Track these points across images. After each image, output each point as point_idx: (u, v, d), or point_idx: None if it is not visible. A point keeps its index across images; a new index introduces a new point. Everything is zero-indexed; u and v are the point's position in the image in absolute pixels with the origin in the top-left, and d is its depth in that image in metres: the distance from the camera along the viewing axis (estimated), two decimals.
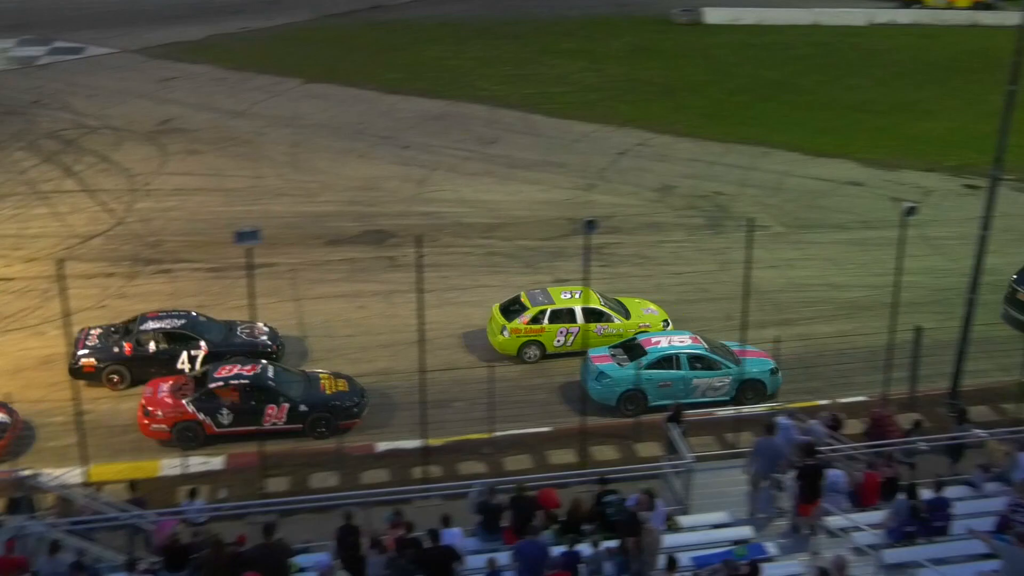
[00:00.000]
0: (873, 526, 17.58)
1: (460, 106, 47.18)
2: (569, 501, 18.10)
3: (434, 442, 23.55)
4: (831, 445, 20.13)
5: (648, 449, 23.41)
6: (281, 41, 57.39)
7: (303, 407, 24.14)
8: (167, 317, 26.46)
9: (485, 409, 23.95)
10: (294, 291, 30.29)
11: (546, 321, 27.30)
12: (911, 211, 24.90)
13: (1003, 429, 21.69)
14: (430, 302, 24.94)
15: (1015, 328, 29.17)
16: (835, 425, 21.13)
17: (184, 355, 25.88)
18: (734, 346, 26.14)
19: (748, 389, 25.71)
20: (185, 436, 23.69)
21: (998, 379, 26.63)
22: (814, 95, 49.29)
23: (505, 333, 27.27)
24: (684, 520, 18.67)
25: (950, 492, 18.47)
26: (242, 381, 24.00)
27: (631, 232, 34.91)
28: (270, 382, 24.19)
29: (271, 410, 23.89)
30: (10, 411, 23.93)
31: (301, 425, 24.20)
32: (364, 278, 31.63)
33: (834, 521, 17.75)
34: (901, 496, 17.61)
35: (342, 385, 25.00)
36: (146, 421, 23.80)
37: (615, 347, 26.34)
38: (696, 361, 25.57)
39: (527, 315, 27.27)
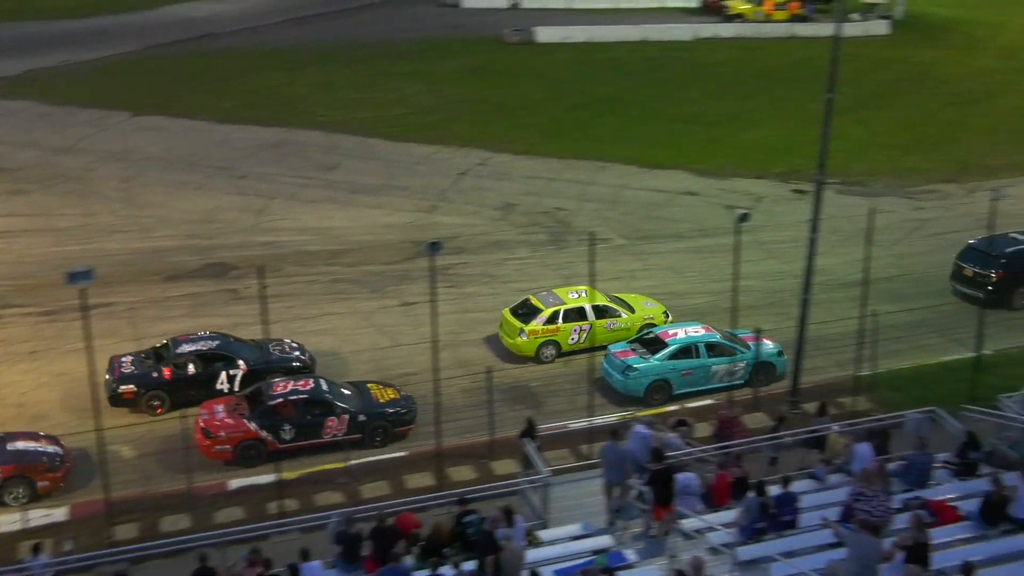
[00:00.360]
0: (726, 525, 18.02)
1: (297, 133, 46.64)
2: (430, 525, 18.00)
3: (288, 475, 23.12)
4: (690, 453, 20.59)
5: (505, 467, 23.48)
6: (107, 73, 55.71)
7: (362, 417, 24.56)
8: (200, 339, 26.64)
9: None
10: (134, 330, 29.32)
11: (560, 321, 28.29)
12: (744, 217, 25.75)
13: (844, 422, 22.56)
14: (276, 333, 24.55)
15: (964, 300, 31.38)
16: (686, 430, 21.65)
17: (223, 375, 26.02)
18: (741, 333, 27.49)
19: (760, 371, 27.08)
20: (249, 454, 23.88)
21: (834, 374, 27.71)
22: (646, 109, 50.52)
23: (523, 335, 28.16)
24: (544, 534, 18.78)
25: (796, 487, 19.12)
26: (301, 396, 24.36)
27: (476, 251, 35.09)
28: (327, 395, 24.59)
29: (331, 422, 24.32)
30: (59, 443, 23.45)
31: (360, 435, 24.53)
32: (207, 312, 30.86)
33: (689, 523, 18.13)
34: (751, 494, 18.13)
35: (391, 393, 25.50)
36: (208, 443, 23.85)
37: (633, 342, 27.46)
38: (711, 349, 26.72)
39: (542, 316, 28.22)
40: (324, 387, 24.75)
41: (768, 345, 27.44)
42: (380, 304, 31.13)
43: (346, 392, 25.11)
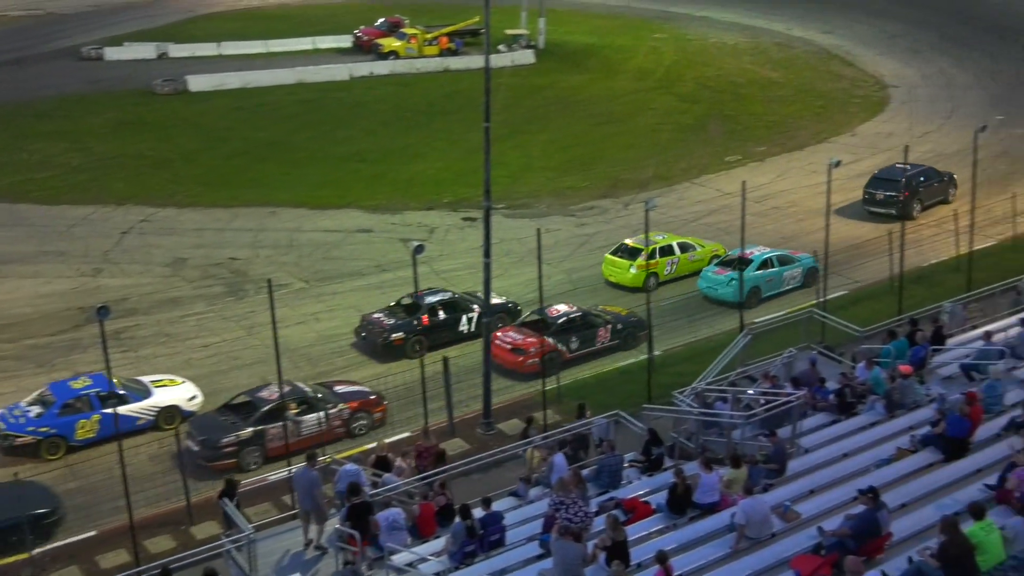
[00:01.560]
0: (436, 554, 18.20)
1: None
2: None
3: None
4: (403, 486, 20.64)
5: (206, 530, 22.61)
6: None
7: (619, 326, 30.82)
8: (437, 292, 31.55)
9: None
10: None
11: (658, 256, 34.45)
12: (419, 249, 26.15)
13: (539, 436, 23.33)
14: None
15: (877, 219, 39.02)
16: (387, 465, 21.67)
17: (464, 318, 31.02)
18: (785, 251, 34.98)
19: (809, 276, 34.28)
20: (551, 363, 28.59)
21: (523, 392, 28.69)
22: (308, 151, 50.24)
23: (633, 270, 34.30)
24: None
25: (499, 506, 19.60)
26: (575, 315, 30.48)
27: (149, 312, 33.61)
28: (592, 314, 30.93)
29: (602, 332, 30.50)
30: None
31: (618, 340, 30.68)
32: None
33: (399, 558, 18.14)
34: (456, 520, 18.40)
35: (622, 310, 31.71)
36: (520, 359, 29.36)
37: (721, 263, 34.29)
38: (780, 261, 34.21)
39: (645, 253, 33.37)
40: (586, 308, 31.04)
41: (810, 256, 34.54)
42: (50, 378, 29.08)
43: (595, 311, 31.30)
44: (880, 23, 71.86)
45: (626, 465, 21.57)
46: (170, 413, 26.97)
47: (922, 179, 40.82)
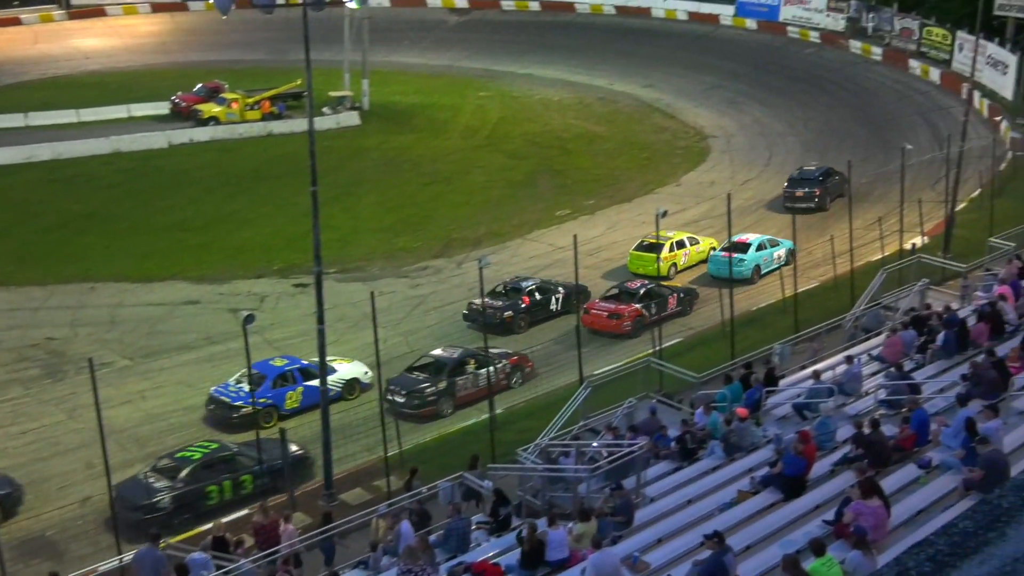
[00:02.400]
0: None
1: None
2: None
3: None
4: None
5: None
6: None
7: (682, 295, 37.01)
8: (528, 279, 37.65)
9: None
10: None
11: (675, 248, 40.52)
12: (249, 319, 25.35)
13: (383, 504, 22.73)
14: None
15: (792, 212, 42.94)
16: (226, 546, 20.74)
17: (553, 299, 36.36)
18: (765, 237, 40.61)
19: (790, 255, 39.75)
20: (638, 326, 34.73)
21: (366, 459, 27.99)
22: (129, 222, 48.30)
23: (660, 261, 38.79)
24: None
25: None
26: (648, 287, 36.15)
27: None
28: (661, 286, 36.64)
29: (671, 300, 36.26)
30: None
31: (681, 307, 36.52)
32: None
33: None
34: None
35: (678, 283, 38.34)
36: (615, 322, 35.06)
37: (725, 248, 37.82)
38: (770, 243, 40.09)
39: (667, 246, 39.78)
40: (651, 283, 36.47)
41: (789, 241, 39.98)
42: None
43: (656, 284, 36.63)
44: (696, 76, 74.37)
45: (473, 527, 21.18)
46: (352, 385, 31.26)
47: (828, 177, 47.77)
